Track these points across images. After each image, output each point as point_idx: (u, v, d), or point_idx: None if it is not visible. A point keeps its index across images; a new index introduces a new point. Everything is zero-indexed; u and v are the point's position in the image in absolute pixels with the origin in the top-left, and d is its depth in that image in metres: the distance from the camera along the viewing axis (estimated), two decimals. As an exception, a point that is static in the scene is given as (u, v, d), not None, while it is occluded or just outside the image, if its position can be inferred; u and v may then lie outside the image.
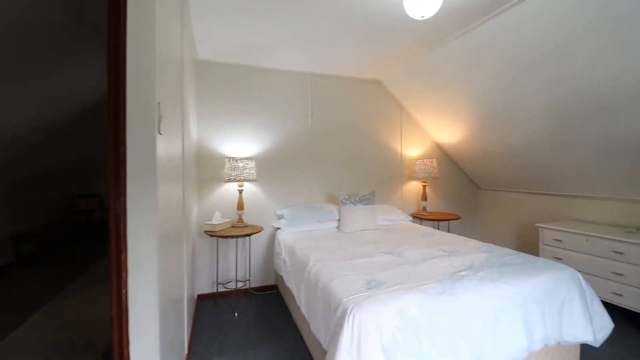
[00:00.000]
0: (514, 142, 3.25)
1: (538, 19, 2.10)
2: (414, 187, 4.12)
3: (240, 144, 3.25)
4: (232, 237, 2.81)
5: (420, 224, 3.68)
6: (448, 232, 3.57)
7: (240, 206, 3.04)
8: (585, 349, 2.05)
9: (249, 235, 2.89)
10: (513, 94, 2.78)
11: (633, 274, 2.40)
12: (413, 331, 1.44)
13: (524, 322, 1.65)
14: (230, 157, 3.00)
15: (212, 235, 2.79)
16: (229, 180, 2.94)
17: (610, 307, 2.44)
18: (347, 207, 3.16)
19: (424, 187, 3.96)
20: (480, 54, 2.64)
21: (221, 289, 3.13)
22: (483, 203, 4.45)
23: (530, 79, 2.55)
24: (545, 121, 2.79)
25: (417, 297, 1.53)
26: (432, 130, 4.08)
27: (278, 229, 3.20)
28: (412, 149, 4.11)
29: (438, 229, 3.82)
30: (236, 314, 2.79)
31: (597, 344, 1.82)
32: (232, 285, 3.12)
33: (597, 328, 1.83)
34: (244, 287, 3.20)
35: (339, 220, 3.20)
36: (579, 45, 2.09)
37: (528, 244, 3.65)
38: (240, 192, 3.05)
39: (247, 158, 3.01)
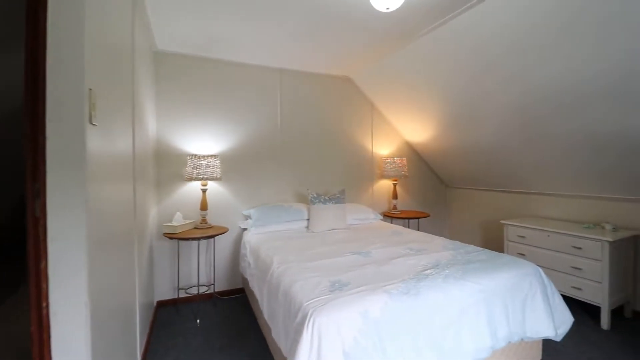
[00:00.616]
0: (478, 140, 3.30)
1: (498, 17, 2.11)
2: (384, 185, 4.10)
3: (204, 141, 3.08)
4: (194, 239, 2.65)
5: (391, 223, 3.66)
6: (418, 230, 3.58)
7: (204, 206, 2.88)
8: (546, 343, 2.08)
9: (212, 236, 2.73)
10: (477, 92, 2.81)
11: (590, 268, 2.48)
12: (376, 334, 1.38)
13: (487, 320, 1.63)
14: (192, 155, 2.83)
15: (172, 238, 2.61)
16: (191, 179, 2.77)
17: (570, 301, 2.51)
18: (317, 206, 3.08)
19: (395, 185, 3.96)
20: (444, 53, 2.64)
21: (183, 294, 2.95)
22: (451, 201, 4.52)
23: (492, 77, 2.57)
24: (507, 120, 2.84)
25: (380, 299, 1.47)
26: (402, 128, 4.09)
27: (245, 229, 3.07)
28: (383, 148, 4.10)
29: (408, 227, 3.84)
30: (198, 321, 2.63)
31: (558, 339, 1.85)
32: (194, 291, 2.95)
33: (557, 323, 1.85)
34: (207, 292, 3.04)
35: (308, 219, 3.11)
36: (536, 44, 2.12)
37: (494, 240, 3.73)
38: (204, 191, 2.89)
39: (211, 156, 2.86)
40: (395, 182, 3.96)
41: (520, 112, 2.69)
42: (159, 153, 2.90)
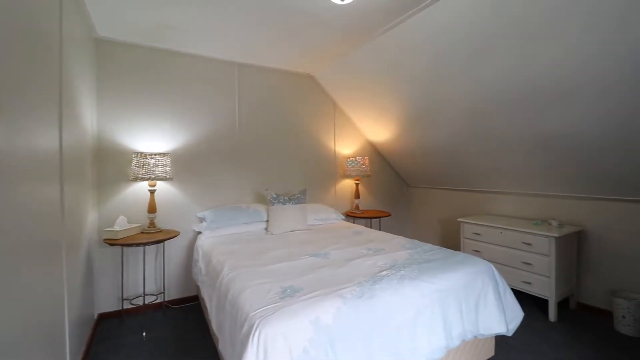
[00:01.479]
0: (436, 141, 3.36)
1: (455, 20, 2.13)
2: (347, 185, 4.07)
3: (153, 138, 2.85)
4: (140, 244, 2.43)
5: (353, 222, 3.63)
6: (379, 229, 3.58)
7: (152, 209, 2.66)
8: (498, 338, 2.12)
9: (161, 241, 2.53)
10: (434, 92, 2.84)
11: (539, 263, 2.59)
12: (328, 342, 1.30)
13: (442, 320, 1.62)
14: (138, 153, 2.60)
15: (113, 244, 2.37)
16: (137, 179, 2.54)
17: (520, 295, 2.61)
18: (276, 207, 2.96)
19: (357, 185, 3.93)
20: (403, 52, 2.63)
21: (129, 305, 2.70)
22: (412, 200, 4.59)
23: (447, 79, 2.61)
24: (462, 121, 2.90)
25: (334, 304, 1.39)
26: (364, 128, 4.08)
27: (199, 233, 2.88)
28: (346, 147, 4.06)
29: (370, 226, 3.83)
30: (145, 333, 2.41)
31: (509, 334, 1.88)
32: (140, 301, 2.70)
33: (509, 318, 1.89)
34: (156, 302, 2.81)
35: (267, 221, 2.99)
36: (484, 45, 2.16)
37: (452, 238, 3.82)
38: (152, 192, 2.67)
39: (160, 154, 2.64)
40: (357, 181, 3.94)
41: (473, 113, 2.75)
42: (100, 150, 2.63)
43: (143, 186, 2.74)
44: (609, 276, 2.60)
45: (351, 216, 3.83)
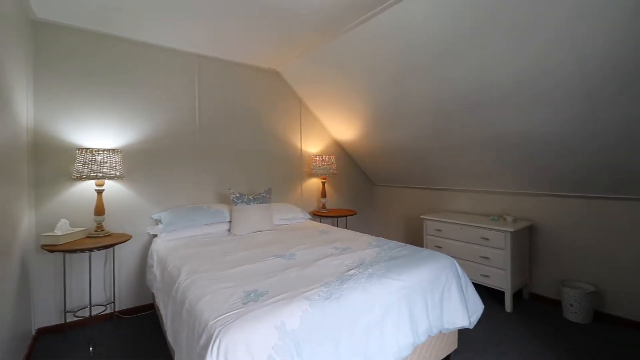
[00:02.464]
0: (399, 140, 3.42)
1: (422, 18, 2.16)
2: (314, 184, 4.02)
3: (101, 133, 2.60)
4: (85, 250, 2.19)
5: (320, 222, 3.59)
6: (346, 228, 3.57)
7: (100, 211, 2.41)
8: (460, 330, 2.18)
9: (110, 246, 2.30)
10: (397, 92, 2.87)
11: (496, 257, 2.72)
12: (294, 348, 1.23)
13: (409, 317, 1.61)
14: (83, 149, 2.34)
15: (53, 251, 2.11)
16: (81, 178, 2.29)
17: (479, 288, 2.72)
18: (239, 206, 2.83)
19: (323, 184, 3.90)
20: (367, 50, 2.63)
21: (73, 318, 2.43)
22: (377, 198, 4.66)
23: (410, 77, 2.65)
24: (424, 120, 2.97)
25: (300, 307, 1.33)
26: (330, 126, 4.05)
27: (155, 236, 2.67)
28: (312, 145, 4.01)
29: (337, 225, 3.82)
30: (92, 348, 2.18)
31: (471, 326, 1.93)
32: (87, 312, 2.43)
33: (471, 311, 1.94)
34: (104, 313, 2.57)
35: (230, 222, 2.85)
36: (450, 46, 2.21)
37: (415, 235, 3.92)
38: (100, 192, 2.42)
39: (108, 150, 2.40)
40: (324, 180, 3.90)
41: (435, 112, 2.82)
42: (37, 146, 2.35)
43: (89, 186, 2.48)
44: (557, 267, 2.79)
45: (318, 215, 3.79)
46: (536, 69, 2.03)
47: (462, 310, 1.85)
